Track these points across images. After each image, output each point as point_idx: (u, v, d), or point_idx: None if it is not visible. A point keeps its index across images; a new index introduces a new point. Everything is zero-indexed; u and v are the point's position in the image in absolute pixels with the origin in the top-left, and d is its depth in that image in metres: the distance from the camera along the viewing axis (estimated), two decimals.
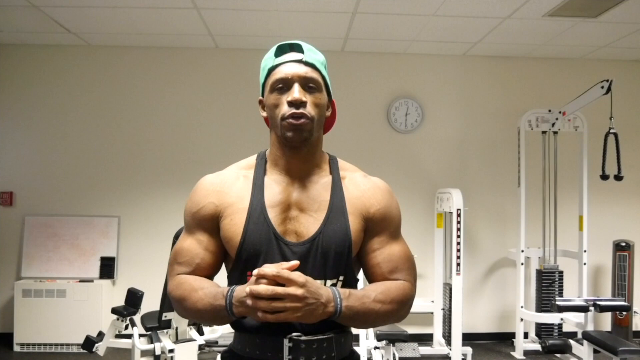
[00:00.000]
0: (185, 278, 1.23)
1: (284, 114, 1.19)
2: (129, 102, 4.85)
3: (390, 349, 3.63)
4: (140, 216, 4.79)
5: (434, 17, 4.02)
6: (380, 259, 1.25)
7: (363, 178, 1.32)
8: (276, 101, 1.22)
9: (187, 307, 1.21)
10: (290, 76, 1.21)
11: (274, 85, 1.22)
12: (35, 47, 4.78)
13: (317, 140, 1.27)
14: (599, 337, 3.39)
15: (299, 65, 1.22)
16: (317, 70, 1.24)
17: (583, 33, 4.34)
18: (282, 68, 1.23)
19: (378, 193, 1.29)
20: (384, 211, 1.28)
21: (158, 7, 3.89)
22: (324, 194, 1.25)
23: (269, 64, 1.26)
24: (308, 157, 1.27)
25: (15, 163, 4.78)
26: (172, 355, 3.24)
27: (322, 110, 1.25)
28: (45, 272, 4.62)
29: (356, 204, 1.26)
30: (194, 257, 1.25)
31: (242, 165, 1.32)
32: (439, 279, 4.57)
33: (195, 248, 1.25)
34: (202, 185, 1.29)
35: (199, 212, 1.26)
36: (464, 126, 5.03)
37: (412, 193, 4.91)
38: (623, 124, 4.35)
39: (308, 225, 1.22)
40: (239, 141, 4.81)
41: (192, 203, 1.28)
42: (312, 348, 1.18)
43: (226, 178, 1.29)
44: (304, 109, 1.19)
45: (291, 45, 1.26)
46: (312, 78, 1.22)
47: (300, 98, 1.18)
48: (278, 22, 4.16)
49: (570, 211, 4.71)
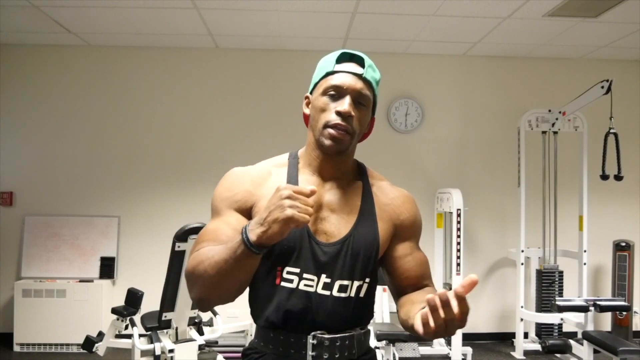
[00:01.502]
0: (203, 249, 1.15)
1: (329, 121, 1.21)
2: (129, 102, 4.85)
3: (390, 349, 3.63)
4: (140, 216, 4.79)
5: (434, 17, 4.02)
6: (413, 263, 1.33)
7: (390, 187, 1.38)
8: (325, 106, 1.23)
9: (204, 270, 1.10)
10: (346, 87, 1.22)
11: (327, 89, 1.23)
12: (35, 47, 4.78)
13: (352, 151, 1.30)
14: (599, 337, 3.39)
15: (357, 79, 1.23)
16: (371, 88, 1.26)
17: (583, 33, 4.34)
18: (340, 76, 1.23)
19: (407, 202, 1.38)
20: (414, 219, 1.37)
21: (158, 7, 3.89)
22: (355, 199, 1.29)
23: (328, 67, 1.26)
24: (341, 164, 1.29)
25: (15, 163, 4.78)
26: (172, 355, 3.24)
27: (363, 127, 1.28)
28: (45, 272, 4.62)
29: (385, 211, 1.31)
30: (220, 234, 1.18)
31: (273, 162, 1.32)
32: (439, 279, 4.57)
33: (222, 227, 1.20)
34: (235, 174, 1.28)
35: (232, 197, 1.24)
36: (464, 126, 5.03)
37: (412, 193, 4.82)
38: (623, 124, 4.35)
39: (339, 226, 1.24)
40: (239, 141, 4.81)
41: (224, 188, 1.26)
42: (335, 345, 1.20)
43: (260, 172, 1.28)
44: (349, 122, 1.21)
45: (353, 56, 1.27)
46: (365, 95, 1.24)
47: (349, 111, 1.20)
48: (278, 22, 4.16)
49: (570, 211, 4.71)
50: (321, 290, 1.20)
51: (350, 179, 1.32)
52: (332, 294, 1.21)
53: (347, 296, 1.22)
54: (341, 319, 1.21)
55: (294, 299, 1.19)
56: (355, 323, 1.24)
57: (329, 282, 1.21)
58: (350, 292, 1.22)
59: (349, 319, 1.22)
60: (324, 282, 1.20)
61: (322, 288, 1.20)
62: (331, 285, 1.21)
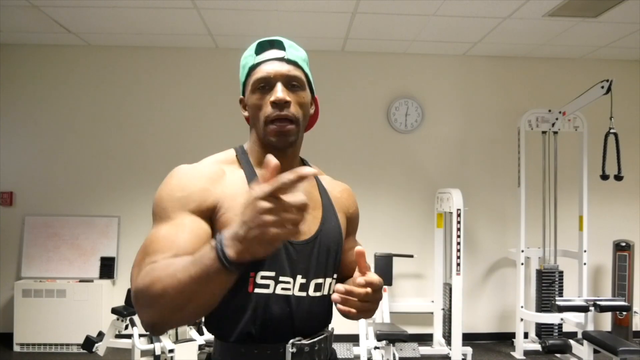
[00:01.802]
0: (158, 263, 0.96)
1: (268, 116, 1.14)
2: (129, 102, 4.85)
3: (390, 349, 3.63)
4: (140, 216, 4.79)
5: (434, 17, 4.02)
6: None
7: (334, 181, 1.36)
8: (258, 101, 1.16)
9: (163, 290, 0.90)
10: (273, 75, 1.15)
11: (256, 84, 1.16)
12: (35, 47, 4.78)
13: (300, 140, 1.23)
14: (599, 337, 3.39)
15: (281, 63, 1.16)
16: (299, 67, 1.19)
17: (583, 33, 4.34)
18: (263, 67, 1.16)
19: (351, 195, 1.37)
20: (356, 213, 1.38)
21: (158, 7, 3.89)
22: (314, 193, 1.25)
23: (249, 62, 1.19)
24: (292, 158, 1.23)
25: (15, 163, 4.78)
26: (172, 355, 3.24)
27: (306, 109, 1.20)
28: (45, 272, 4.62)
29: (338, 204, 1.29)
30: (175, 241, 1.01)
31: (220, 159, 1.23)
32: (439, 279, 4.57)
33: (178, 232, 1.03)
34: (185, 171, 1.14)
35: (186, 197, 1.08)
36: (464, 126, 5.03)
37: (412, 193, 4.91)
38: (623, 124, 4.36)
39: (308, 223, 1.18)
40: (239, 141, 4.77)
41: (174, 186, 1.10)
42: (314, 350, 1.16)
43: (212, 169, 1.16)
44: (287, 109, 1.14)
45: (271, 42, 1.20)
46: (295, 76, 1.16)
47: (284, 98, 1.13)
48: (278, 22, 4.16)
49: (570, 211, 4.71)
50: (298, 292, 1.14)
51: None
52: (309, 294, 1.15)
53: (321, 295, 1.18)
54: (317, 320, 1.18)
55: (272, 306, 1.11)
56: (326, 322, 1.22)
57: (304, 283, 1.15)
58: (323, 290, 1.19)
59: (322, 318, 1.19)
60: (300, 282, 1.14)
61: (299, 289, 1.14)
62: (307, 285, 1.15)
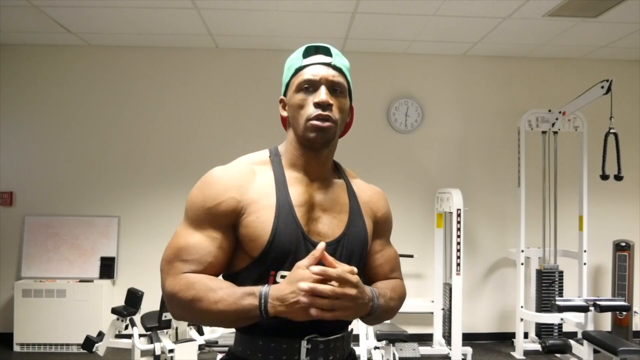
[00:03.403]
0: (197, 277, 1.12)
1: (310, 115, 1.19)
2: (128, 102, 4.85)
3: (390, 349, 3.63)
4: (140, 216, 4.79)
5: (434, 17, 4.02)
6: (383, 259, 1.34)
7: (365, 184, 1.38)
8: (301, 102, 1.21)
9: (202, 309, 1.09)
10: (319, 78, 1.20)
11: (301, 85, 1.21)
12: (35, 47, 4.78)
13: (335, 144, 1.29)
14: (599, 337, 3.39)
15: (327, 68, 1.22)
16: (343, 75, 1.25)
17: (583, 33, 4.34)
18: (309, 69, 1.22)
19: (382, 199, 1.37)
20: (387, 216, 1.37)
21: (158, 7, 3.89)
22: (343, 197, 1.28)
23: (296, 63, 1.25)
24: (326, 160, 1.27)
25: (15, 163, 4.78)
26: (172, 355, 3.24)
27: (344, 115, 1.25)
28: (45, 272, 4.62)
29: (366, 208, 1.31)
30: (206, 255, 1.14)
31: (253, 160, 1.26)
32: (439, 279, 4.57)
33: (208, 245, 1.15)
34: (218, 178, 1.19)
35: (217, 207, 1.16)
36: (463, 126, 5.03)
37: (412, 193, 4.91)
38: (623, 124, 4.35)
39: (332, 226, 1.22)
40: (239, 141, 4.81)
41: (207, 196, 1.17)
42: (329, 348, 1.18)
43: (244, 171, 1.21)
44: (330, 111, 1.19)
45: (318, 48, 1.25)
46: (339, 82, 1.23)
47: (327, 100, 1.18)
48: (278, 22, 4.16)
49: (570, 211, 4.71)
50: None
51: (334, 177, 1.31)
52: None
53: None
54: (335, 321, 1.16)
55: None
56: (342, 323, 1.23)
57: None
58: None
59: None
60: None
61: None
62: None
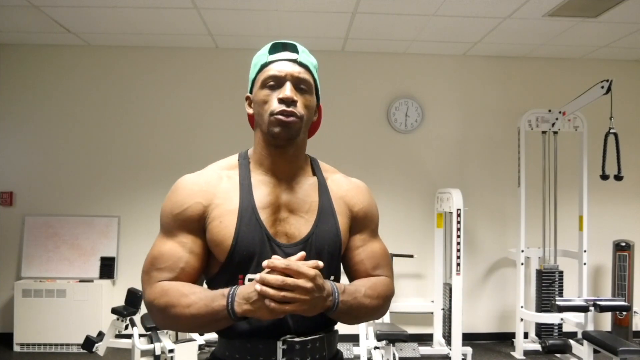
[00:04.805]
0: (170, 284, 1.14)
1: (274, 110, 1.18)
2: (129, 102, 4.85)
3: (390, 349, 3.63)
4: (140, 216, 4.79)
5: (434, 17, 4.02)
6: (364, 255, 1.29)
7: (344, 178, 1.35)
8: (266, 97, 1.20)
9: (175, 315, 1.11)
10: (284, 74, 1.19)
11: (266, 81, 1.21)
12: (35, 47, 4.78)
13: (303, 142, 1.27)
14: (599, 337, 3.39)
15: (293, 64, 1.21)
16: (309, 72, 1.24)
17: (583, 33, 4.34)
18: (275, 65, 1.21)
19: (360, 192, 1.33)
20: (366, 210, 1.31)
21: (158, 7, 3.89)
22: (312, 195, 1.25)
23: (261, 60, 1.25)
24: (294, 158, 1.25)
25: (15, 163, 4.78)
26: (172, 355, 3.24)
27: (310, 112, 1.23)
28: (45, 272, 4.62)
29: (341, 204, 1.28)
30: (177, 261, 1.17)
31: (222, 165, 1.28)
32: (439, 279, 4.57)
33: (179, 251, 1.18)
34: (184, 185, 1.23)
35: (183, 213, 1.19)
36: (463, 126, 5.03)
37: (412, 193, 4.91)
38: (623, 124, 4.35)
39: (299, 226, 1.21)
40: (239, 141, 4.78)
41: (174, 203, 1.21)
42: (307, 349, 1.17)
43: (210, 178, 1.23)
44: (294, 107, 1.18)
45: (285, 45, 1.25)
46: (305, 79, 1.21)
47: (292, 96, 1.17)
48: (278, 22, 4.16)
49: (570, 211, 4.71)
50: None
51: (305, 175, 1.29)
52: None
53: None
54: (312, 320, 1.16)
55: None
56: (323, 324, 1.21)
57: None
58: None
59: (318, 319, 1.17)
60: None
61: None
62: None
